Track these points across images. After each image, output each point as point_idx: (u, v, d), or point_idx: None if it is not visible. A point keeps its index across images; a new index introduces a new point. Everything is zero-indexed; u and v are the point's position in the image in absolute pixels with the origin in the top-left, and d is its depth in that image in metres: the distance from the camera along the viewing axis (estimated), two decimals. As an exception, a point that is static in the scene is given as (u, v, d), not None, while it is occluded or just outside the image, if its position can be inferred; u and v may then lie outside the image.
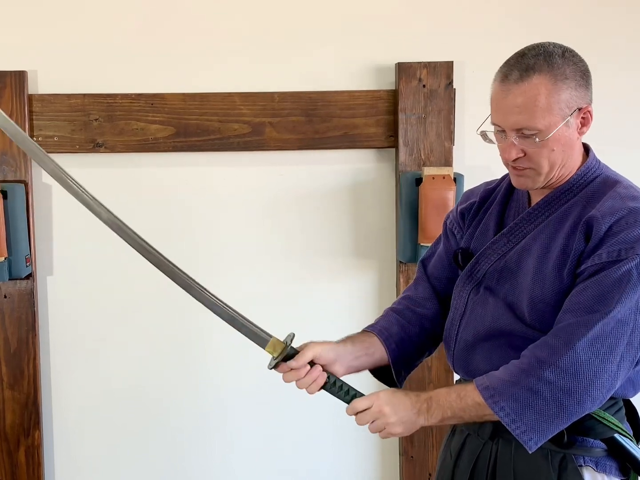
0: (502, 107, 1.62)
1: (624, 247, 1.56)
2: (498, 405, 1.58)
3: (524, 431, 1.57)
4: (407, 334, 1.87)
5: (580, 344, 1.54)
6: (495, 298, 1.73)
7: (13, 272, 2.75)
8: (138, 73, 2.85)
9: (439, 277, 1.91)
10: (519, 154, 1.64)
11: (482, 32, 2.89)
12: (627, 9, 2.92)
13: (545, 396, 1.55)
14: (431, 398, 1.66)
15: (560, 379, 1.55)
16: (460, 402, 1.63)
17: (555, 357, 1.55)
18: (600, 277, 1.57)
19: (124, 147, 2.84)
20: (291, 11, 2.87)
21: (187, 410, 2.99)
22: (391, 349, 1.84)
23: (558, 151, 1.64)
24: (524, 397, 1.57)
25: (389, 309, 1.94)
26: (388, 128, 2.88)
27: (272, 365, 1.74)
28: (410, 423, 1.66)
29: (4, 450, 2.87)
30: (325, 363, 1.75)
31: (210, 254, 2.94)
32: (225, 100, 2.84)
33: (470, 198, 1.90)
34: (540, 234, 1.69)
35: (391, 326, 1.87)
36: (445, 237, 1.93)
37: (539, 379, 1.56)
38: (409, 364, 1.89)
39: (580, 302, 1.58)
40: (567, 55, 1.62)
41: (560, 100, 1.60)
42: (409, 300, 1.92)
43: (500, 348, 1.70)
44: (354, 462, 3.06)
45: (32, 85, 2.81)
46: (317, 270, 2.98)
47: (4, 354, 2.85)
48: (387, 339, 1.85)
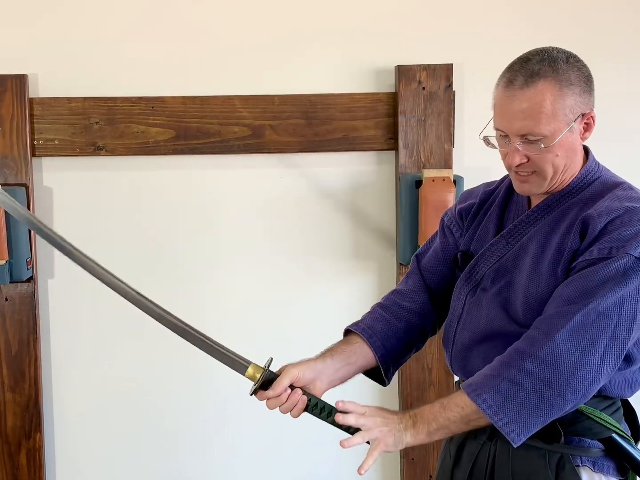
0: (507, 112, 1.62)
1: (616, 245, 1.56)
2: (480, 397, 1.58)
3: (506, 423, 1.56)
4: (392, 330, 1.86)
5: (559, 335, 1.54)
6: (489, 298, 1.73)
7: (14, 275, 2.75)
8: (138, 76, 2.86)
9: (433, 270, 1.91)
10: (522, 160, 1.64)
11: (482, 34, 2.89)
12: (633, 9, 2.92)
13: (526, 387, 1.55)
14: (416, 414, 1.65)
15: (540, 370, 1.54)
16: (444, 410, 1.62)
17: (535, 347, 1.55)
18: (586, 272, 1.57)
19: (124, 150, 2.85)
20: (291, 14, 2.88)
21: (187, 414, 2.99)
22: (376, 347, 1.83)
23: (562, 156, 1.64)
24: (505, 389, 1.56)
25: (375, 305, 1.94)
26: (388, 130, 2.89)
27: (251, 391, 1.73)
28: (397, 441, 1.63)
29: (5, 453, 2.88)
30: (304, 384, 1.73)
31: (210, 256, 2.94)
32: (225, 103, 2.84)
33: (469, 199, 1.90)
34: (537, 234, 1.70)
35: (375, 323, 1.87)
36: (442, 234, 1.92)
37: (519, 370, 1.55)
38: (396, 360, 1.88)
39: (563, 294, 1.58)
40: (571, 60, 1.63)
41: (565, 106, 1.60)
42: (397, 295, 1.92)
43: (497, 349, 1.69)
44: (355, 465, 3.03)
45: (33, 88, 2.82)
46: (317, 273, 2.98)
47: (5, 356, 2.85)
48: (371, 337, 1.84)
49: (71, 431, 2.97)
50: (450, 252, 1.89)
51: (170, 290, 2.91)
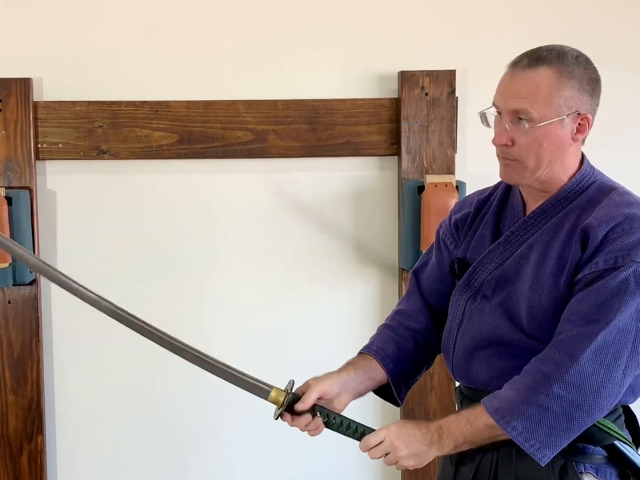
0: (505, 89, 1.65)
1: (621, 254, 1.57)
2: (510, 425, 1.57)
3: (538, 448, 1.57)
4: (402, 352, 1.87)
5: (584, 356, 1.54)
6: (492, 307, 1.73)
7: (17, 278, 2.76)
8: (142, 80, 2.87)
9: (431, 289, 1.91)
10: (507, 141, 1.65)
11: (485, 40, 2.90)
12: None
13: (555, 411, 1.55)
14: (441, 427, 1.64)
15: (568, 392, 1.54)
16: (470, 427, 1.62)
17: (561, 371, 1.55)
18: (598, 286, 1.57)
19: (128, 154, 2.86)
20: (294, 19, 2.88)
21: (190, 416, 3.00)
22: (389, 369, 1.84)
23: (547, 149, 1.64)
24: (534, 415, 1.56)
25: (383, 327, 1.94)
26: (391, 136, 2.89)
27: (277, 415, 1.74)
28: (423, 455, 1.64)
29: (7, 455, 2.88)
30: (332, 397, 1.75)
31: (213, 260, 2.95)
32: (228, 108, 2.85)
33: (463, 208, 1.90)
34: (536, 242, 1.69)
35: (387, 345, 1.87)
36: (438, 248, 1.93)
37: (547, 394, 1.55)
38: (408, 380, 1.89)
39: (580, 312, 1.58)
40: (580, 59, 1.65)
41: (561, 95, 1.61)
42: (401, 315, 1.92)
43: (500, 356, 1.70)
44: (355, 468, 3.06)
45: (37, 92, 2.82)
46: (319, 277, 2.99)
47: (8, 359, 2.86)
48: (384, 359, 1.85)
49: (73, 433, 2.98)
50: (445, 267, 1.89)
51: (171, 293, 2.92)
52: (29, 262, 1.88)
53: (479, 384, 1.75)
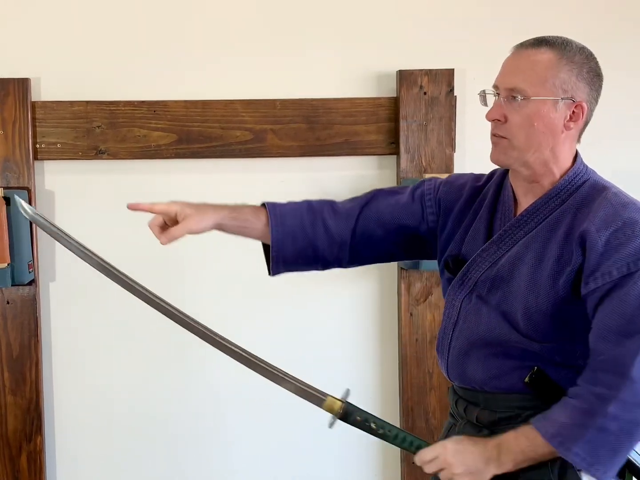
0: (505, 66, 1.68)
1: (632, 259, 1.56)
2: (571, 451, 1.56)
3: (604, 472, 1.56)
4: (299, 232, 1.83)
5: (633, 371, 1.53)
6: (488, 307, 1.72)
7: (16, 278, 2.76)
8: (140, 80, 2.87)
9: (371, 217, 1.85)
10: (500, 117, 1.65)
11: (483, 40, 2.90)
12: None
13: (614, 432, 1.54)
14: (500, 445, 1.62)
15: (626, 411, 1.53)
16: (531, 445, 1.60)
17: (615, 390, 1.53)
18: (620, 295, 1.56)
19: (126, 154, 2.85)
20: (293, 19, 2.88)
21: (187, 417, 2.99)
22: (275, 237, 1.82)
23: (538, 129, 1.64)
24: (595, 438, 1.55)
25: (306, 201, 1.88)
26: (389, 135, 2.89)
27: (331, 425, 1.75)
28: (479, 473, 1.62)
29: (6, 456, 2.88)
30: (184, 217, 1.82)
31: (211, 260, 2.95)
32: (227, 107, 2.85)
33: (454, 188, 1.86)
34: (532, 242, 1.68)
35: (290, 215, 1.83)
36: (411, 196, 1.86)
37: (604, 416, 1.54)
38: (287, 260, 1.88)
39: (611, 327, 1.56)
40: (584, 51, 1.66)
41: (557, 76, 1.62)
42: (330, 209, 1.86)
43: (496, 356, 1.69)
44: (356, 469, 3.06)
45: (35, 92, 2.83)
46: (318, 278, 2.97)
47: (6, 359, 2.85)
48: (277, 225, 1.82)
49: (72, 434, 2.97)
50: (402, 214, 1.84)
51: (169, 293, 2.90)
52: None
53: (475, 384, 1.74)
